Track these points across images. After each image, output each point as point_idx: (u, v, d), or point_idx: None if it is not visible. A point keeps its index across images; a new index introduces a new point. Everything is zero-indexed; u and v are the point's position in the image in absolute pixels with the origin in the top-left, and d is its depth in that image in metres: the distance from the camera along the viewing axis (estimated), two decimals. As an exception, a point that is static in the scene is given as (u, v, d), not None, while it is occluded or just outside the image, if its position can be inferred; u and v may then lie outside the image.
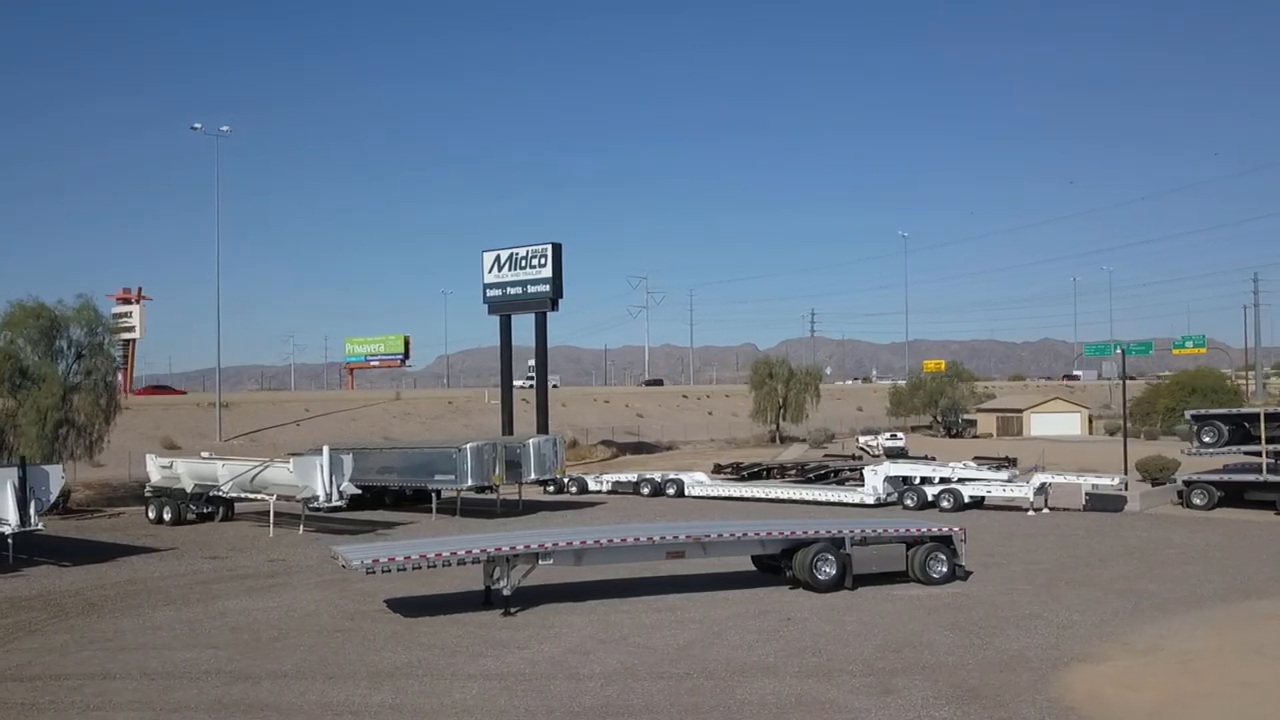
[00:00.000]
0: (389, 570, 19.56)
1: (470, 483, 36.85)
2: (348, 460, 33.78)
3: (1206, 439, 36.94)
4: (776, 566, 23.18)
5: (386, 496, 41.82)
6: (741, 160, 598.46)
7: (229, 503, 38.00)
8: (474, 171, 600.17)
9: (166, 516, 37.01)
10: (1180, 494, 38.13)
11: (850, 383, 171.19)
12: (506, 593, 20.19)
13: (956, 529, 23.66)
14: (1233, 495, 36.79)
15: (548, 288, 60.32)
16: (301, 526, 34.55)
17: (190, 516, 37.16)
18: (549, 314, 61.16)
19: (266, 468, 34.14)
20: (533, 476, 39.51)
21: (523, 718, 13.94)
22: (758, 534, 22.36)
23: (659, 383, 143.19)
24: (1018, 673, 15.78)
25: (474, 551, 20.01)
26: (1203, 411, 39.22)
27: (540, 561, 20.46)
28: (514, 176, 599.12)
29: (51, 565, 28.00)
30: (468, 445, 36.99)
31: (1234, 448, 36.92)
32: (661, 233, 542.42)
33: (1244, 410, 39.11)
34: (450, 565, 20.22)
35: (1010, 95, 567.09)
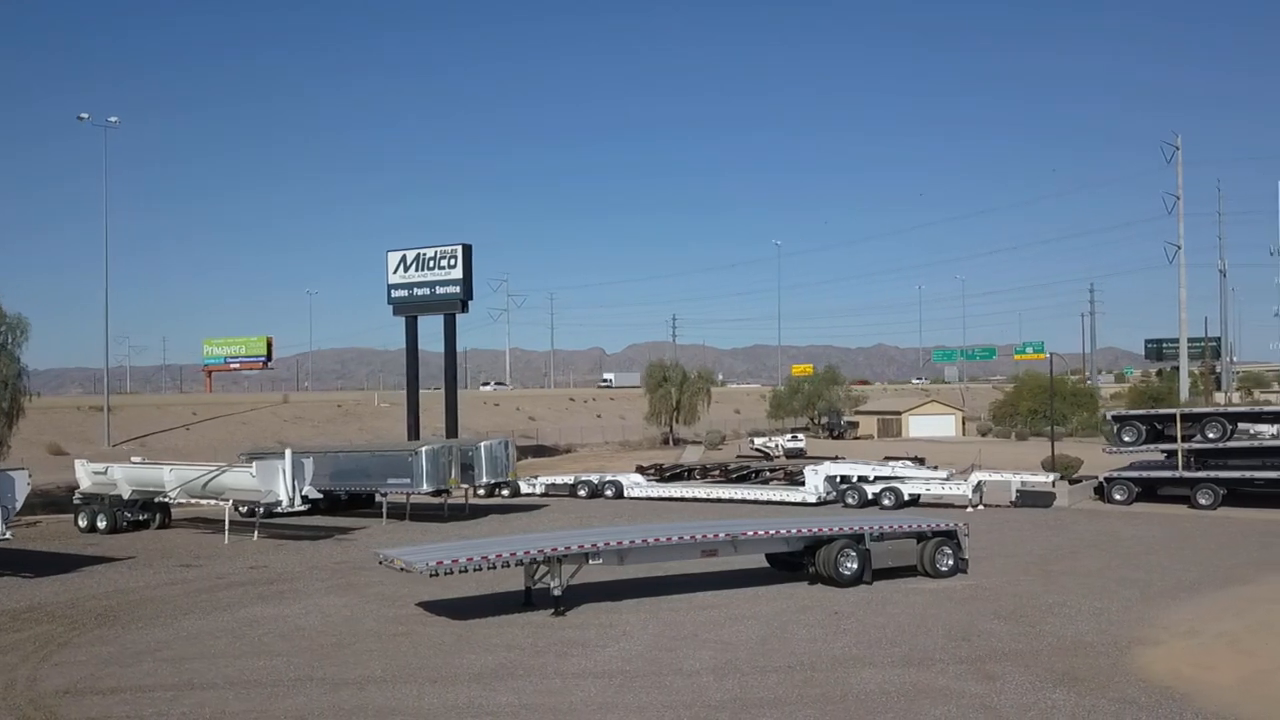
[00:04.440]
0: (451, 572, 19.33)
1: (427, 487, 36.28)
2: (309, 464, 32.93)
3: (1127, 438, 39.54)
4: (791, 563, 23.82)
5: (321, 502, 40.57)
6: (596, 163, 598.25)
7: (166, 509, 36.47)
8: (337, 173, 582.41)
9: (101, 524, 35.23)
10: (1098, 490, 40.62)
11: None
12: (557, 593, 20.22)
13: (961, 524, 24.79)
14: (1148, 490, 39.49)
15: (458, 289, 59.80)
16: (256, 532, 33.44)
17: (124, 524, 35.49)
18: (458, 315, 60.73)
19: (224, 472, 32.92)
20: (485, 479, 39.14)
21: (663, 713, 14.14)
22: (784, 532, 22.94)
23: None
24: (1091, 657, 16.80)
25: (531, 552, 20.05)
26: (1123, 413, 41.98)
27: (590, 561, 20.59)
28: (387, 176, 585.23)
29: (12, 577, 26.41)
30: (423, 448, 36.46)
31: (1150, 446, 39.66)
32: (513, 236, 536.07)
33: (1160, 412, 41.92)
34: (509, 566, 20.22)
35: (870, 96, 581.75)
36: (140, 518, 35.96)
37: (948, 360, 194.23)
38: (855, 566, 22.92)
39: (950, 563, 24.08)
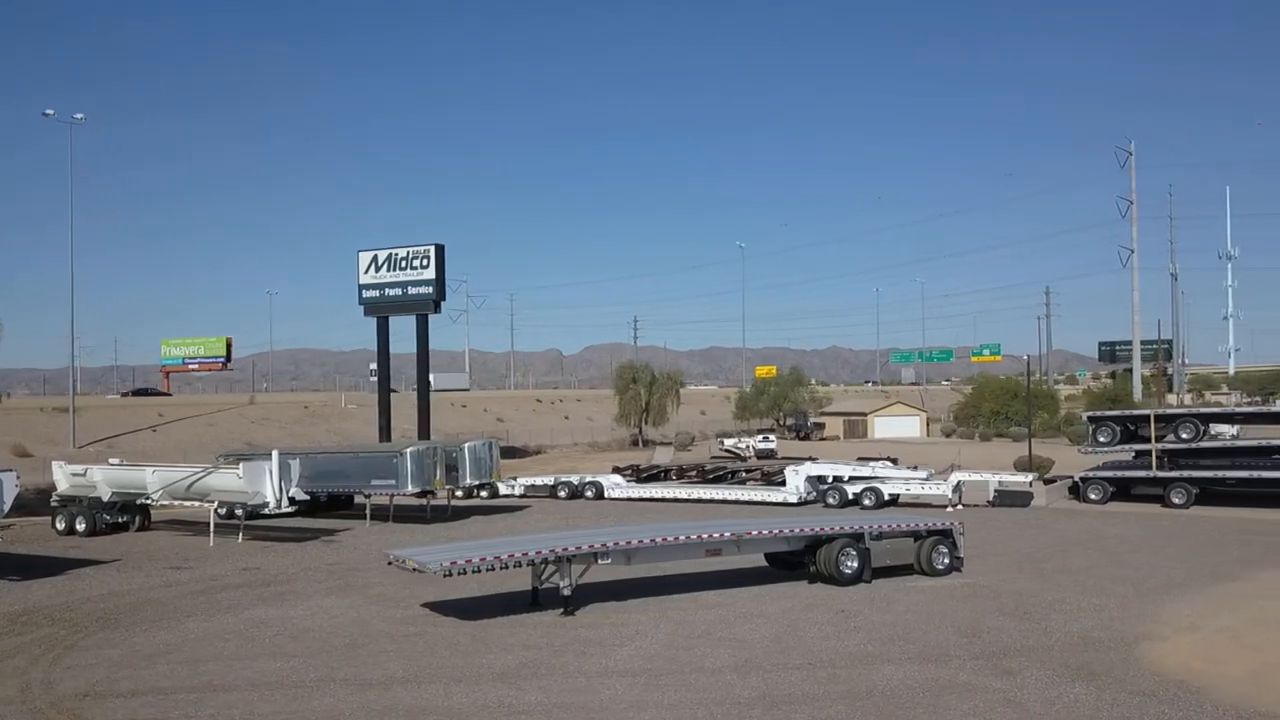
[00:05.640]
0: (465, 572, 19.34)
1: (412, 488, 36.10)
2: (295, 465, 32.71)
3: (1102, 438, 40.30)
4: (789, 562, 24.03)
5: (301, 504, 40.24)
6: (562, 165, 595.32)
7: (146, 512, 36.05)
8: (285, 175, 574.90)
9: (80, 527, 34.70)
10: (1073, 489, 41.32)
11: None
12: (566, 592, 20.29)
13: (956, 523, 25.13)
14: (1121, 490, 40.22)
15: (430, 289, 59.77)
16: (241, 534, 33.13)
17: (103, 526, 35.02)
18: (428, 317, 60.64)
19: (210, 474, 32.58)
20: (469, 480, 39.02)
21: (696, 710, 14.24)
22: (787, 531, 23.15)
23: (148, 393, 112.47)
24: (1102, 652, 17.13)
25: (542, 552, 20.10)
26: (1099, 414, 42.73)
27: (598, 561, 20.67)
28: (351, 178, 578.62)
29: (1, 580, 26.00)
30: (408, 449, 36.28)
31: (1124, 446, 40.44)
32: (479, 238, 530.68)
33: (1135, 413, 42.75)
34: (521, 565, 20.24)
35: (830, 96, 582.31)
36: (120, 520, 35.51)
37: (905, 362, 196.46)
38: (856, 565, 23.17)
39: (946, 561, 24.39)
